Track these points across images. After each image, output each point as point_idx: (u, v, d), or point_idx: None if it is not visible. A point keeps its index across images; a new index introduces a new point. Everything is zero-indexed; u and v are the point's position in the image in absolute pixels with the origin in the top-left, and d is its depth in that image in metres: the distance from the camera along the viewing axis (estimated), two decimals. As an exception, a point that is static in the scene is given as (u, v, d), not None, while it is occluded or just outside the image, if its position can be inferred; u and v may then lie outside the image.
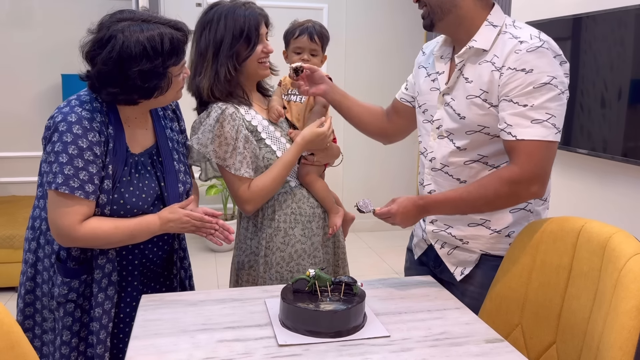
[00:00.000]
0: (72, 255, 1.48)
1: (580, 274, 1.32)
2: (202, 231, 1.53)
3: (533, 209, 1.52)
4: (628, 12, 2.46)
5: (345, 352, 1.18)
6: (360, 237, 4.78)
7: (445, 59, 1.54)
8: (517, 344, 1.43)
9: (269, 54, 1.70)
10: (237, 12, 1.63)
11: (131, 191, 1.47)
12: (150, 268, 1.60)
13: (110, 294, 1.49)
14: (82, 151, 1.38)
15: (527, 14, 3.22)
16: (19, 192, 4.40)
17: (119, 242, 1.46)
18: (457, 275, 1.56)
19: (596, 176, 2.79)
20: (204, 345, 1.21)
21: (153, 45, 1.36)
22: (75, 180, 1.37)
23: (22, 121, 4.31)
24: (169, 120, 1.65)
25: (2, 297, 3.46)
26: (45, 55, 4.29)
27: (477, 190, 1.39)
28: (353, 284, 1.33)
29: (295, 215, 1.71)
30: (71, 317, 1.49)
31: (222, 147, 1.60)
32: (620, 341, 1.09)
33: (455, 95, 1.46)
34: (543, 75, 1.33)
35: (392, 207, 1.42)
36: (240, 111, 1.65)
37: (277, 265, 1.69)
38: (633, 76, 2.45)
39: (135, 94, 1.42)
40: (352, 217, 1.92)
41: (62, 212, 1.38)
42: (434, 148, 1.52)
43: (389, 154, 4.89)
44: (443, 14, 1.44)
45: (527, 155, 1.34)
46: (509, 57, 1.36)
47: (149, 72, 1.38)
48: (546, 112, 1.33)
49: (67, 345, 1.49)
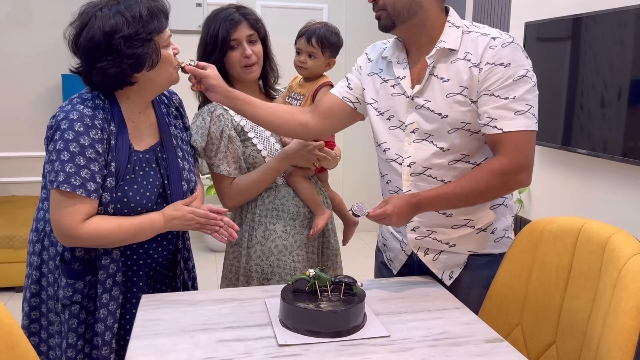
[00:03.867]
0: (76, 256, 1.47)
1: (580, 274, 1.32)
2: (207, 228, 1.51)
3: (508, 204, 1.55)
4: (628, 12, 2.46)
5: (345, 352, 1.18)
6: (360, 237, 4.78)
7: (402, 64, 1.52)
8: (516, 343, 1.43)
9: (249, 57, 1.71)
10: (214, 19, 1.71)
11: (135, 189, 1.46)
12: (156, 269, 1.59)
13: (115, 294, 1.48)
14: (84, 149, 1.37)
15: (527, 14, 3.22)
16: (19, 192, 4.40)
17: (123, 240, 1.44)
18: (445, 280, 1.55)
19: (596, 176, 2.79)
20: (204, 345, 1.21)
21: (132, 14, 1.37)
22: (77, 178, 1.36)
23: (22, 121, 4.31)
24: (172, 118, 1.64)
25: (2, 297, 3.46)
26: (45, 55, 4.29)
27: (470, 184, 1.41)
28: (353, 284, 1.33)
29: (277, 212, 1.74)
30: (76, 319, 1.48)
31: (209, 146, 1.69)
32: (620, 341, 1.09)
33: (429, 96, 1.45)
34: (519, 69, 1.37)
35: (387, 208, 1.40)
36: (229, 112, 1.71)
37: (258, 258, 1.73)
38: (633, 76, 2.46)
39: (125, 64, 1.37)
40: (355, 221, 1.92)
41: (64, 211, 1.37)
42: (411, 153, 1.49)
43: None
44: (409, 16, 1.43)
45: (515, 146, 1.37)
46: (484, 53, 1.39)
47: (132, 37, 1.36)
48: (526, 104, 1.38)
49: (73, 347, 1.48)
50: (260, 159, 1.73)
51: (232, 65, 1.72)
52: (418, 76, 1.49)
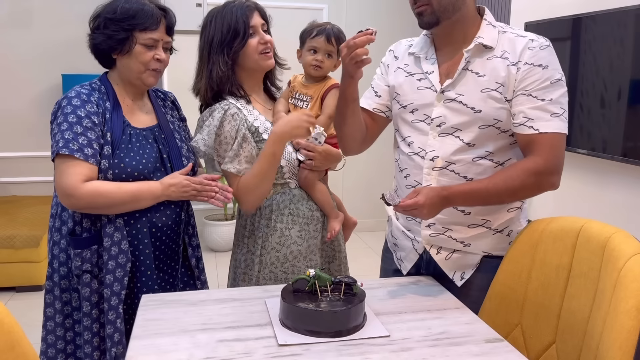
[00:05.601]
0: (83, 227, 1.58)
1: (579, 273, 1.32)
2: (203, 195, 1.60)
3: (523, 207, 1.55)
4: (628, 12, 2.46)
5: (345, 352, 1.18)
6: (360, 237, 4.79)
7: (430, 59, 1.53)
8: (516, 343, 1.43)
9: (267, 43, 1.69)
10: (225, 11, 1.66)
11: (131, 156, 1.57)
12: (161, 238, 1.64)
13: (121, 261, 1.56)
14: (81, 119, 1.51)
15: (527, 14, 3.23)
16: (19, 192, 4.40)
17: (123, 203, 1.54)
18: (457, 281, 1.54)
19: (596, 176, 2.79)
20: (204, 345, 1.21)
21: (125, 7, 1.58)
22: (75, 143, 1.49)
23: (22, 121, 4.31)
24: (169, 109, 1.79)
25: (2, 297, 3.46)
26: (45, 55, 4.30)
27: (504, 181, 1.41)
28: (353, 284, 1.33)
29: (293, 217, 1.71)
30: (88, 287, 1.58)
31: (222, 146, 1.64)
32: (620, 341, 1.10)
33: (462, 90, 1.45)
34: (556, 72, 1.41)
35: (418, 199, 1.36)
36: (243, 112, 1.67)
37: (272, 265, 1.69)
38: (633, 76, 2.46)
39: (100, 39, 1.58)
40: (354, 222, 1.92)
41: (65, 173, 1.49)
42: (435, 147, 1.49)
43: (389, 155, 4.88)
44: (453, 12, 1.44)
45: (550, 147, 1.39)
46: (523, 53, 1.41)
47: (113, 21, 1.57)
48: (561, 107, 1.41)
49: (88, 316, 1.58)
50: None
51: (250, 53, 1.67)
52: (447, 71, 1.49)
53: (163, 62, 1.63)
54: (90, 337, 1.58)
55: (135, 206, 1.56)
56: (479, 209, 1.49)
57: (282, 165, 1.69)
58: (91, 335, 1.58)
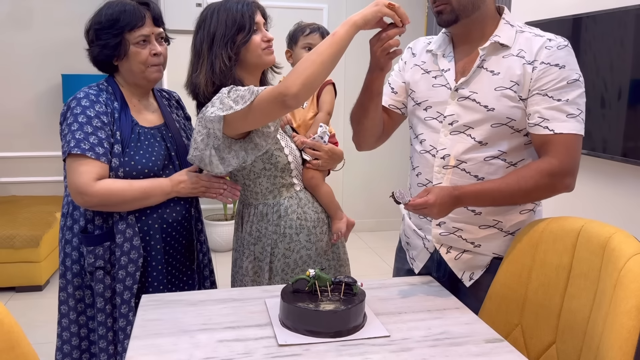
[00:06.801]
0: (96, 225, 1.61)
1: (580, 273, 1.32)
2: (212, 191, 1.64)
3: (537, 210, 1.53)
4: (628, 12, 2.46)
5: (345, 352, 1.18)
6: (360, 237, 4.78)
7: (448, 57, 1.53)
8: (516, 343, 1.43)
9: (270, 41, 1.67)
10: (230, 5, 1.62)
11: (141, 154, 1.61)
12: (171, 234, 1.67)
13: (133, 257, 1.60)
14: (90, 119, 1.55)
15: (527, 14, 3.22)
16: (19, 192, 4.41)
17: (134, 200, 1.57)
18: (465, 281, 1.54)
19: (596, 176, 2.79)
20: (204, 345, 1.21)
21: (109, 12, 1.60)
22: (86, 142, 1.53)
23: (22, 121, 4.31)
24: (174, 109, 1.82)
25: (2, 297, 3.46)
26: (45, 55, 4.30)
27: (517, 182, 1.40)
28: (353, 284, 1.33)
29: (301, 221, 1.69)
30: (102, 283, 1.61)
31: (234, 93, 1.51)
32: (620, 341, 1.09)
33: (476, 88, 1.45)
34: (573, 72, 1.39)
35: (429, 197, 1.35)
36: None
37: (282, 272, 1.68)
38: (633, 76, 2.46)
39: (96, 50, 1.61)
40: (352, 222, 1.92)
41: (77, 172, 1.52)
42: (447, 145, 1.49)
43: (389, 155, 4.89)
44: (472, 10, 1.44)
45: (565, 148, 1.38)
46: (540, 53, 1.40)
47: (103, 30, 1.59)
48: (577, 108, 1.39)
49: (102, 312, 1.60)
50: (284, 157, 1.66)
51: (253, 49, 1.63)
52: (463, 69, 1.49)
53: (161, 54, 1.65)
54: (105, 332, 1.62)
55: (145, 203, 1.59)
56: (491, 209, 1.48)
57: (290, 162, 1.68)
58: (105, 330, 1.62)
